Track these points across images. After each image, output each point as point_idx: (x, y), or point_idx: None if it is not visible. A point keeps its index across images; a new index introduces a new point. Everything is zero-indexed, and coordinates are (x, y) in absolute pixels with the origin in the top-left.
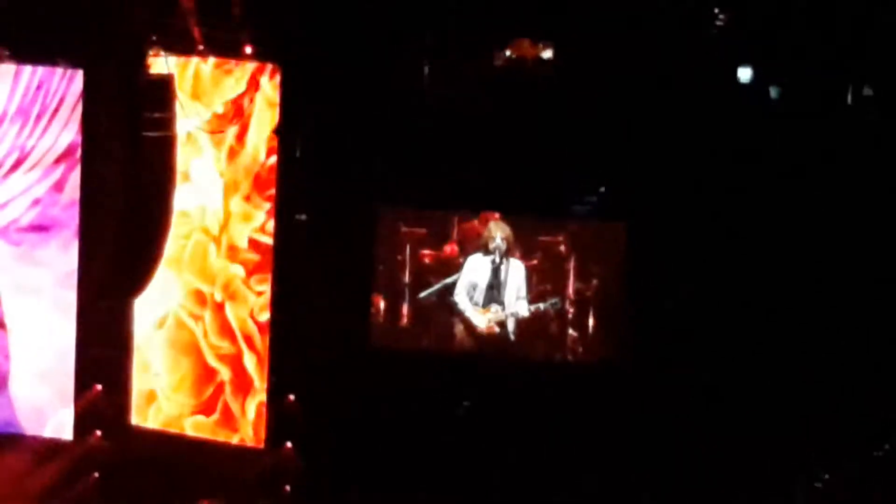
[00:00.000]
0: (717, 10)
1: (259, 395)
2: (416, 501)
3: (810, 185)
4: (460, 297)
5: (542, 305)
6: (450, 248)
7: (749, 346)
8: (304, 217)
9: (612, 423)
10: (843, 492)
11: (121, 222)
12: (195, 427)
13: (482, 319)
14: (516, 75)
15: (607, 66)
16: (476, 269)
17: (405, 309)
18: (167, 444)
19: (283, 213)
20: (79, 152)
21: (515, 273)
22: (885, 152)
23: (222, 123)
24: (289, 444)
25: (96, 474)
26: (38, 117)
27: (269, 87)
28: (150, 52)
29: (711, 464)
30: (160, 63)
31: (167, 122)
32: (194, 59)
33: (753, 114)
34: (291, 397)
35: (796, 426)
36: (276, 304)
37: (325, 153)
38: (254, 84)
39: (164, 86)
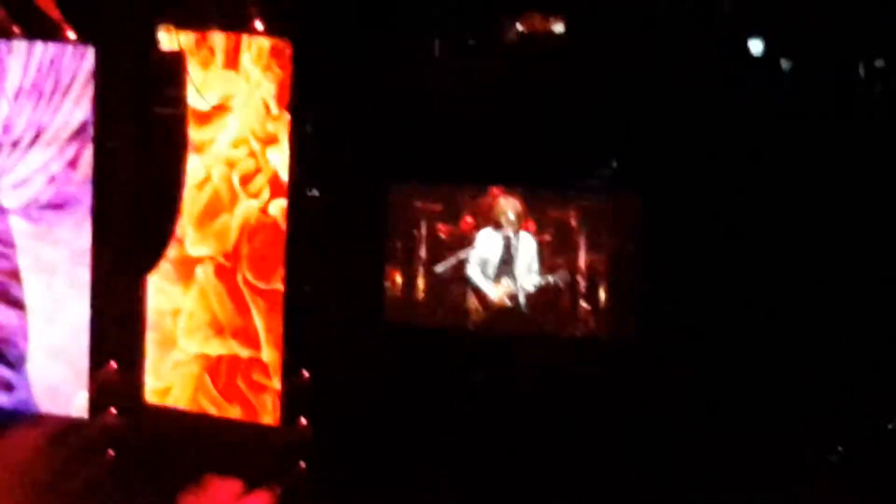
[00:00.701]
0: None
1: (273, 371)
2: (432, 477)
3: (832, 161)
4: (473, 271)
5: (550, 278)
6: (463, 223)
7: (764, 322)
8: (316, 192)
9: (623, 397)
10: (858, 465)
11: (134, 199)
12: (208, 397)
13: (494, 292)
14: (528, 48)
15: (619, 37)
16: (488, 244)
17: (420, 283)
18: (182, 422)
19: (295, 188)
20: (91, 129)
21: (526, 247)
22: None
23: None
24: (303, 421)
25: (111, 452)
26: (52, 94)
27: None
28: (162, 28)
29: (723, 438)
30: (171, 39)
31: (179, 99)
32: None
33: (772, 86)
34: (306, 373)
35: (810, 399)
36: (290, 279)
37: (337, 128)
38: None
39: (176, 62)
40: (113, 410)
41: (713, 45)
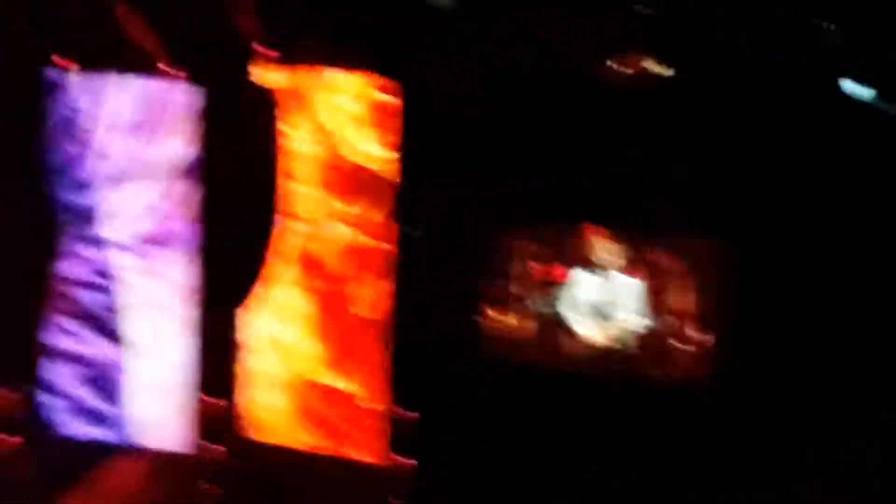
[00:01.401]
0: (826, 23)
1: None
2: None
3: None
4: (567, 311)
5: (646, 319)
6: (559, 263)
7: (867, 367)
8: (419, 230)
9: (721, 439)
10: None
11: (235, 233)
12: (308, 432)
13: (589, 332)
14: (629, 89)
15: (717, 77)
16: (583, 284)
17: (515, 322)
18: (282, 457)
19: (400, 224)
20: (194, 164)
21: (622, 287)
22: None
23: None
24: (406, 459)
25: (212, 487)
26: (156, 129)
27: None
28: (264, 64)
29: (826, 483)
30: (273, 75)
31: (276, 135)
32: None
33: (877, 135)
34: (409, 410)
35: None
36: (396, 314)
37: (441, 166)
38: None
39: (279, 99)
40: (213, 445)
41: (816, 91)
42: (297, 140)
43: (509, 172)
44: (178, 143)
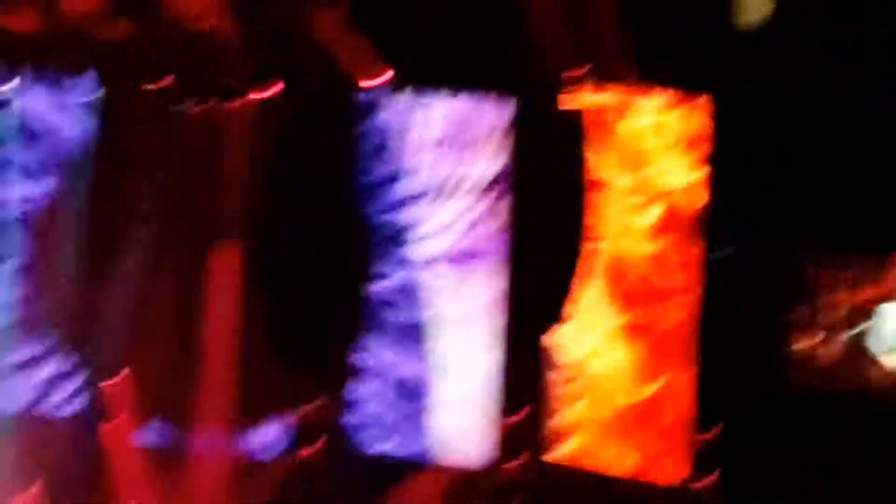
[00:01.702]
0: None
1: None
2: None
3: None
4: (875, 341)
5: None
6: (868, 293)
7: None
8: (726, 252)
9: None
10: None
11: (541, 249)
12: (612, 451)
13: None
14: None
15: None
16: (892, 314)
17: (823, 349)
18: (584, 478)
19: (707, 245)
20: (503, 180)
21: None
22: None
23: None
24: (712, 481)
25: None
26: (467, 145)
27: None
28: (573, 84)
29: None
30: (582, 95)
31: (583, 153)
32: None
33: None
34: (714, 433)
35: None
36: (702, 335)
37: (751, 187)
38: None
39: (584, 117)
40: (515, 463)
41: None
42: (605, 158)
43: (820, 197)
44: (488, 160)
